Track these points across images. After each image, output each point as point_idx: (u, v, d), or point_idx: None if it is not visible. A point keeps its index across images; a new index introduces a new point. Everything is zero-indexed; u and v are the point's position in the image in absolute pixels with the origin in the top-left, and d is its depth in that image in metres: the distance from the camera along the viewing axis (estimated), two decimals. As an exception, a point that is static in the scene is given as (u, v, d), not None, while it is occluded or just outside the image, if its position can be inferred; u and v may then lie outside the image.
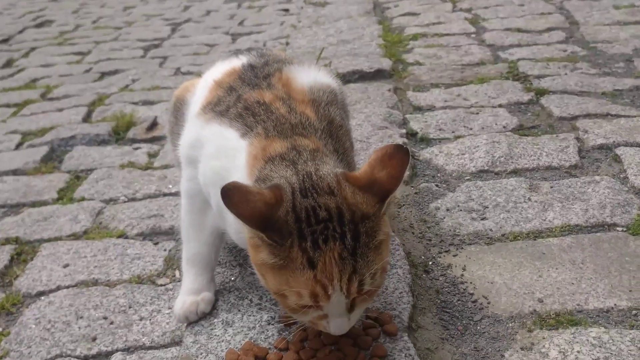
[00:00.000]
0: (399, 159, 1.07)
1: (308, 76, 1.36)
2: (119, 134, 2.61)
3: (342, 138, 1.29)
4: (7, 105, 3.17)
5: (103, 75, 3.56)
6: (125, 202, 2.07)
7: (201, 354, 1.28)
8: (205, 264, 1.42)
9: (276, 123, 1.21)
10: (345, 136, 1.33)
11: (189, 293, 1.40)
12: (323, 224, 1.04)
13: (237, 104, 1.27)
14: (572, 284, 1.46)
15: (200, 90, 1.44)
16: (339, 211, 1.05)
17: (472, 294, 1.46)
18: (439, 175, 2.01)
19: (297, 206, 1.05)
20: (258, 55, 1.43)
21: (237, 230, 1.27)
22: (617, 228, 1.65)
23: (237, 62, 1.41)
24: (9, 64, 4.06)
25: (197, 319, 1.38)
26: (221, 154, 1.24)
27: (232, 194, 1.03)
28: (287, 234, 1.03)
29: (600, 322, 1.34)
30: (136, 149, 2.48)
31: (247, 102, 1.27)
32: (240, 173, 1.19)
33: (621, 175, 1.89)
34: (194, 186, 1.36)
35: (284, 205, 1.05)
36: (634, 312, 1.36)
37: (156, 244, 1.81)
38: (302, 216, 1.05)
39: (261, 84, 1.31)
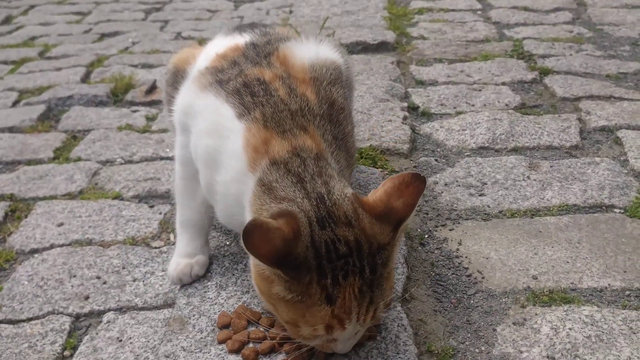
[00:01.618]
0: (416, 187, 1.05)
1: (309, 51, 1.32)
2: (117, 96, 2.58)
3: (342, 122, 1.26)
4: (5, 63, 3.13)
5: (103, 36, 3.51)
6: (121, 164, 2.05)
7: (194, 315, 1.28)
8: (199, 229, 1.41)
9: (275, 109, 1.17)
10: (347, 119, 1.30)
11: (182, 256, 1.40)
12: (343, 259, 1.01)
13: (237, 78, 1.24)
14: (567, 262, 1.46)
15: (201, 62, 1.41)
16: (357, 244, 1.02)
17: (466, 268, 1.46)
18: (438, 150, 1.99)
19: (316, 240, 1.01)
20: (261, 34, 1.41)
21: (225, 213, 1.25)
22: (615, 209, 1.64)
23: (241, 40, 1.39)
24: (7, 20, 4.00)
25: (191, 282, 1.38)
26: (214, 132, 1.21)
27: (253, 236, 0.97)
28: (306, 271, 1.00)
29: (593, 301, 1.34)
30: (134, 111, 2.45)
31: (248, 77, 1.24)
32: (237, 161, 1.16)
33: (621, 158, 1.88)
34: (186, 154, 1.33)
35: (302, 239, 1.00)
36: (627, 292, 1.36)
37: (152, 207, 1.80)
38: (322, 251, 1.01)
39: (262, 62, 1.28)
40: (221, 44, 1.41)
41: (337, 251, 1.01)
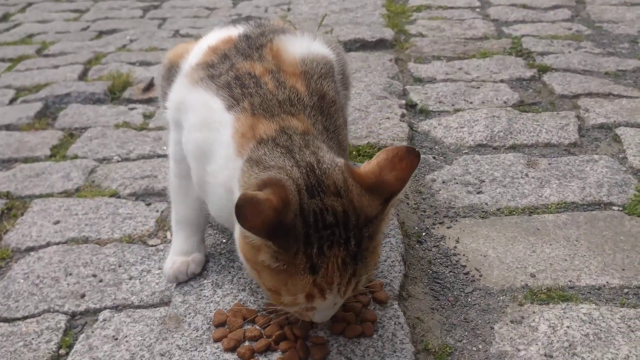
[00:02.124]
0: (409, 161, 1.04)
1: (301, 46, 1.31)
2: (114, 94, 2.58)
3: (333, 115, 1.25)
4: (2, 60, 3.12)
5: (100, 33, 3.50)
6: (118, 161, 2.05)
7: (189, 313, 1.27)
8: (195, 227, 1.40)
9: (263, 99, 1.16)
10: (338, 113, 1.28)
11: (179, 254, 1.39)
12: (330, 229, 1.01)
13: (228, 72, 1.24)
14: (565, 260, 1.45)
15: (194, 56, 1.40)
16: (345, 215, 1.02)
17: (464, 266, 1.45)
18: (436, 147, 1.99)
19: (305, 209, 1.01)
20: (255, 26, 1.39)
21: (216, 206, 1.25)
22: (614, 207, 1.64)
23: (234, 32, 1.38)
24: (4, 18, 3.98)
25: (187, 280, 1.37)
26: (205, 126, 1.20)
27: (244, 210, 0.96)
28: (294, 241, 0.99)
29: (591, 298, 1.33)
30: (132, 109, 2.44)
31: (239, 71, 1.23)
32: (226, 150, 1.15)
33: (620, 155, 1.87)
34: (180, 151, 1.32)
35: (291, 207, 0.99)
36: (625, 290, 1.35)
37: (148, 204, 1.79)
38: (310, 220, 1.00)
39: (253, 55, 1.27)
40: (214, 37, 1.40)
41: (324, 221, 1.01)
